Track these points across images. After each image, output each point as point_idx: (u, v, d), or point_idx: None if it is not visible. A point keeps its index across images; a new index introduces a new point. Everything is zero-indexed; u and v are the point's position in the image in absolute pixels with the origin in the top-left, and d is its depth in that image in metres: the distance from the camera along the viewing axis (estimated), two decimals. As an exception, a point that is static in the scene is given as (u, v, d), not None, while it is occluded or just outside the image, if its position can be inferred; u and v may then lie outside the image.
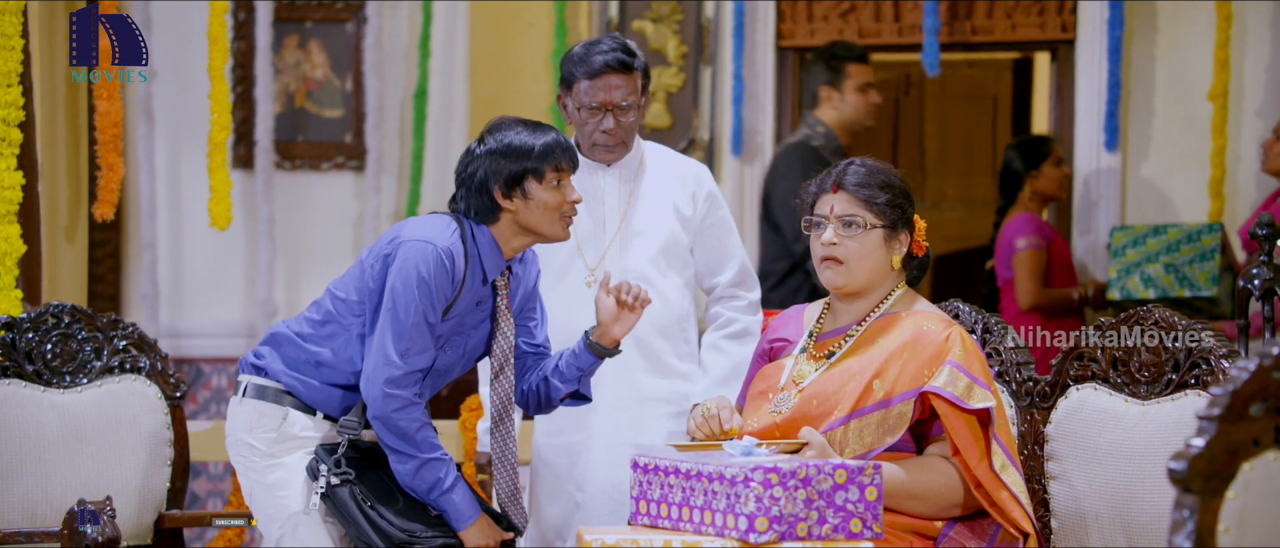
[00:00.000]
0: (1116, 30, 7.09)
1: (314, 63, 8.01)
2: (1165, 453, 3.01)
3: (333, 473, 3.86)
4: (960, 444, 3.61)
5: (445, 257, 3.86)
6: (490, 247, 3.94)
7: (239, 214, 7.81)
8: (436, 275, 3.84)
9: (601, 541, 3.37)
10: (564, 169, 3.92)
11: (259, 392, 3.95)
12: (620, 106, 4.39)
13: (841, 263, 3.79)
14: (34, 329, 4.43)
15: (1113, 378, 3.90)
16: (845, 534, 3.31)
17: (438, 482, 3.86)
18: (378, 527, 3.84)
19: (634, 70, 4.39)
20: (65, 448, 4.37)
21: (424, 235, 3.89)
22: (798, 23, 7.72)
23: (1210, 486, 2.39)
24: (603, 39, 4.46)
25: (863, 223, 3.78)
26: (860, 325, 3.82)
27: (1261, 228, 4.60)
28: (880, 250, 3.80)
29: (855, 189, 3.79)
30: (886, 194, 3.78)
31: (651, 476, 3.47)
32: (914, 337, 3.71)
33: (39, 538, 4.18)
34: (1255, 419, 2.40)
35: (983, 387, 3.64)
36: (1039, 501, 3.97)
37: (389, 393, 3.83)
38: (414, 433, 3.85)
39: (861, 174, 3.81)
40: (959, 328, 3.75)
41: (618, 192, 4.50)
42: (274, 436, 3.92)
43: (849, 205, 3.79)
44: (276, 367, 3.96)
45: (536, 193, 3.90)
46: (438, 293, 3.85)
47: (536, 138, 3.91)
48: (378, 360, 3.84)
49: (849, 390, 3.69)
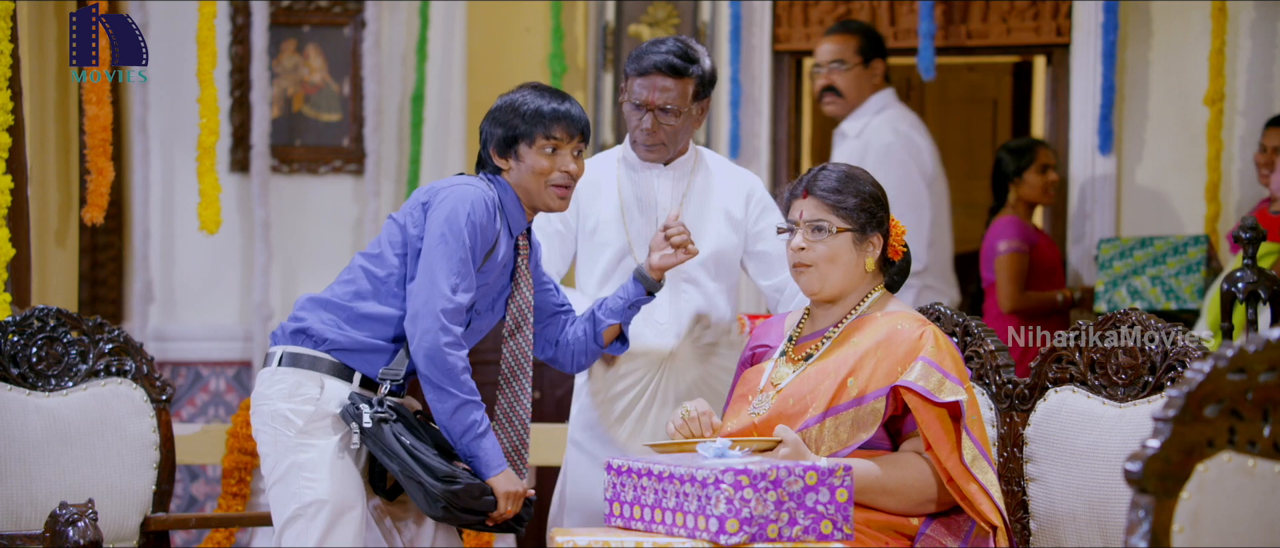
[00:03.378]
0: (1111, 34, 7.09)
1: (312, 67, 8.03)
2: (1139, 455, 3.02)
3: (375, 411, 3.84)
4: (931, 438, 3.64)
5: (488, 198, 3.90)
6: (513, 201, 3.98)
7: (237, 218, 7.83)
8: (482, 216, 3.88)
9: (573, 542, 3.38)
10: (557, 137, 3.92)
11: (294, 359, 3.92)
12: (662, 109, 4.38)
13: (811, 267, 3.81)
14: (19, 332, 4.45)
15: (1091, 380, 3.91)
16: (815, 536, 3.32)
17: (474, 424, 3.87)
18: (421, 461, 3.83)
19: (685, 76, 4.37)
20: (50, 451, 4.38)
21: (464, 183, 3.93)
22: (794, 26, 7.73)
23: (1165, 486, 2.40)
24: (669, 39, 4.43)
25: (830, 227, 3.80)
26: (837, 328, 3.85)
27: (1244, 231, 4.60)
28: (850, 253, 3.81)
29: (823, 194, 3.81)
30: (855, 198, 3.80)
31: (624, 477, 3.48)
32: (888, 335, 3.74)
33: (22, 541, 4.19)
34: (1210, 421, 2.41)
35: (954, 382, 3.67)
36: (1017, 502, 3.98)
37: (444, 326, 3.82)
38: (459, 373, 3.85)
39: (830, 179, 3.83)
40: (933, 327, 3.77)
41: (671, 192, 4.50)
42: (313, 409, 3.88)
43: (817, 210, 3.81)
44: (320, 327, 3.93)
45: (526, 156, 3.91)
46: (486, 232, 3.89)
47: (536, 101, 3.92)
48: (430, 293, 3.83)
49: (824, 389, 3.72)
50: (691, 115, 4.43)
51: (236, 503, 6.01)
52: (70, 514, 3.33)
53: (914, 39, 7.39)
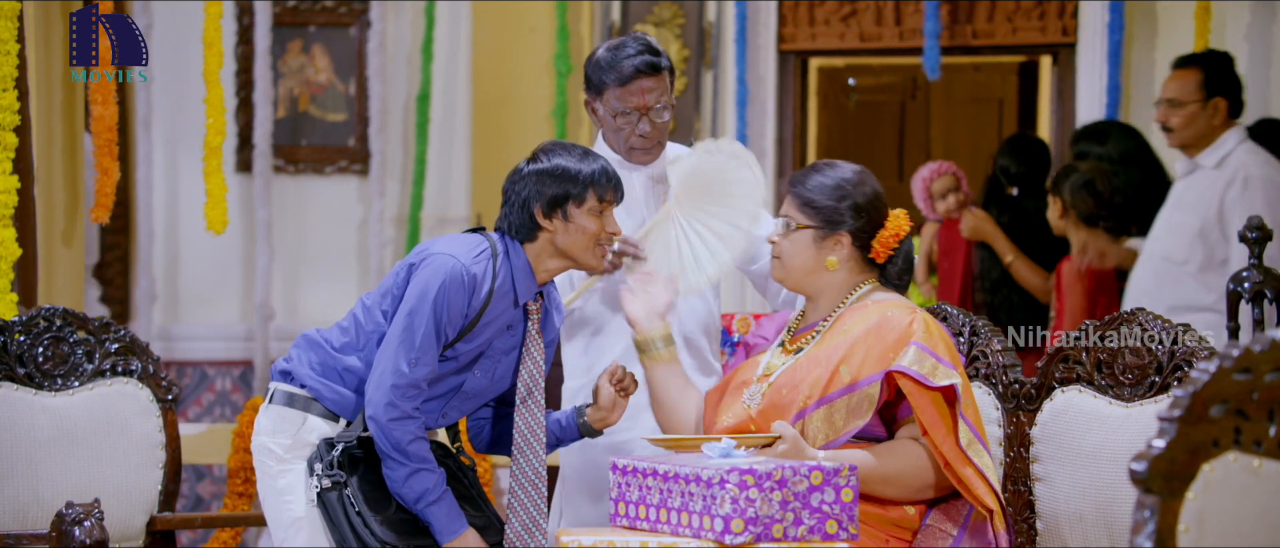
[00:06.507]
0: (1116, 34, 7.10)
1: (317, 67, 8.05)
2: (1147, 455, 3.02)
3: (324, 475, 3.89)
4: (926, 422, 3.66)
5: (466, 275, 3.88)
6: (524, 268, 3.97)
7: (242, 218, 7.84)
8: (454, 292, 3.87)
9: (578, 542, 3.38)
10: (608, 200, 3.95)
11: (287, 399, 3.98)
12: (655, 109, 4.37)
13: (778, 258, 3.95)
14: (25, 332, 4.45)
15: (1097, 380, 3.91)
16: (821, 536, 3.32)
17: (425, 492, 3.88)
18: (360, 536, 3.87)
19: (662, 70, 4.36)
20: (56, 451, 4.38)
21: (451, 251, 3.92)
22: (799, 26, 7.74)
23: (1170, 486, 2.39)
24: (627, 41, 4.41)
25: (792, 224, 3.90)
26: (828, 321, 3.88)
27: (1251, 231, 4.59)
28: (808, 251, 3.89)
29: (796, 192, 3.93)
30: (823, 198, 3.88)
31: (629, 477, 3.48)
32: (878, 322, 3.77)
33: (28, 541, 4.21)
34: (1215, 420, 2.41)
35: (948, 366, 3.69)
36: (1024, 502, 3.98)
37: (391, 401, 3.85)
38: (407, 445, 3.87)
39: (805, 178, 3.94)
40: (923, 313, 3.80)
41: (652, 190, 4.48)
42: (290, 440, 3.94)
43: (788, 206, 3.93)
44: (303, 370, 3.99)
45: (576, 217, 3.92)
46: (454, 310, 3.88)
47: (584, 164, 3.95)
48: (386, 367, 3.86)
49: (816, 377, 3.74)
50: (674, 107, 4.46)
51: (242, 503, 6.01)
52: (76, 514, 3.33)
53: (919, 39, 7.40)
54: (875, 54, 8.10)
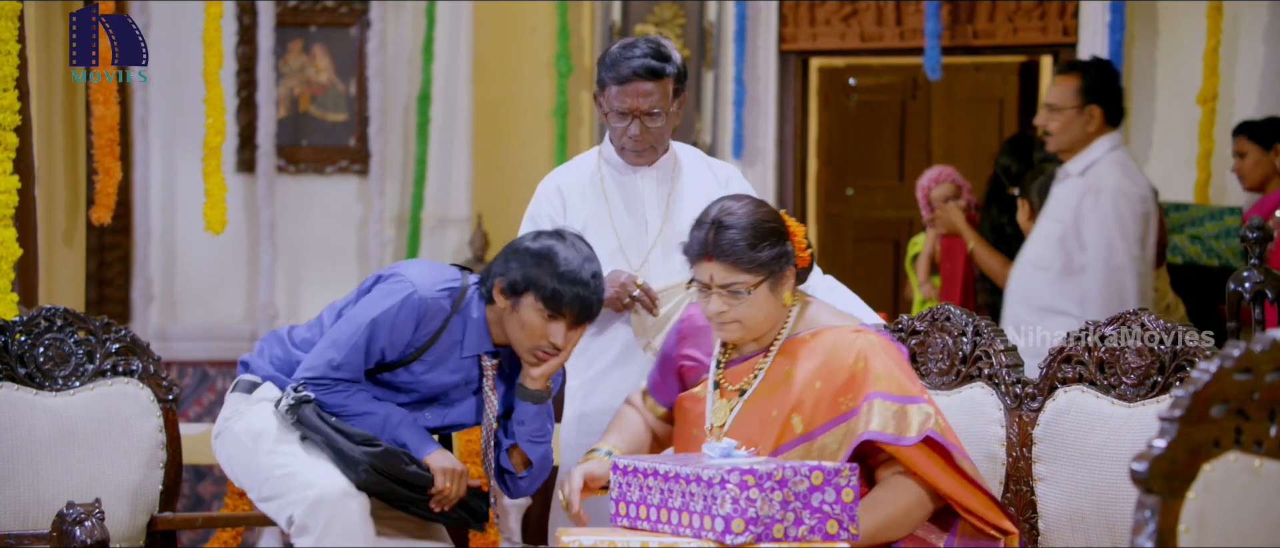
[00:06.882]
0: (1117, 34, 7.10)
1: (318, 67, 8.05)
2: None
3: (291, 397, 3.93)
4: (921, 472, 3.59)
5: (417, 305, 3.91)
6: (480, 324, 3.97)
7: (242, 218, 7.84)
8: (401, 319, 3.90)
9: (579, 542, 3.38)
10: (563, 316, 3.86)
11: (249, 388, 4.09)
12: (648, 113, 4.35)
13: (736, 323, 3.73)
14: (26, 332, 4.45)
15: (1100, 380, 3.91)
16: (821, 536, 3.32)
17: (386, 420, 3.94)
18: (341, 430, 3.91)
19: (663, 76, 4.32)
20: (57, 451, 4.38)
21: (414, 276, 3.95)
22: (800, 27, 7.74)
23: (1171, 486, 2.40)
24: (639, 42, 4.39)
25: (745, 287, 3.69)
26: (766, 355, 3.78)
27: (1251, 231, 4.59)
28: (768, 299, 3.72)
29: (731, 258, 3.68)
30: (760, 250, 3.69)
31: (631, 477, 3.48)
32: (824, 361, 3.67)
33: (29, 541, 4.21)
34: (1216, 421, 2.41)
35: (914, 402, 3.59)
36: (1026, 502, 3.98)
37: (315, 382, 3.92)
38: (345, 400, 3.94)
39: (731, 238, 3.69)
40: (865, 338, 3.69)
41: (655, 193, 4.47)
42: (243, 404, 4.06)
43: (727, 274, 3.69)
44: (262, 363, 4.10)
45: (527, 310, 3.87)
46: (397, 335, 3.91)
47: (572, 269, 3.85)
48: (313, 361, 3.95)
49: (768, 433, 3.67)
50: (672, 114, 4.41)
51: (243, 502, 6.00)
52: (77, 514, 3.33)
53: (919, 38, 7.40)
54: (876, 54, 8.10)
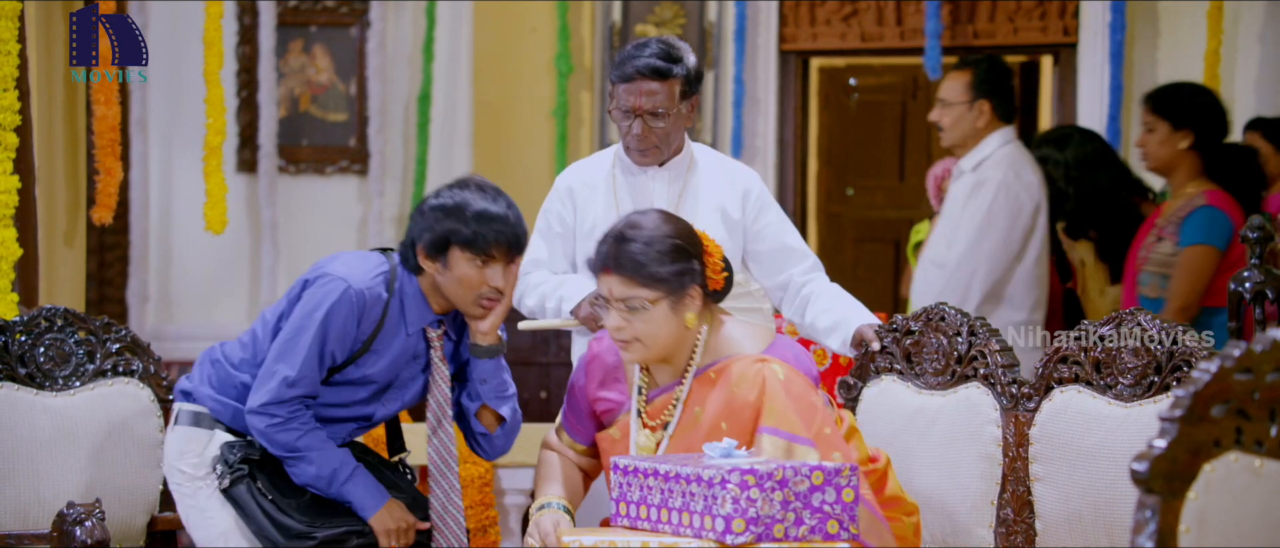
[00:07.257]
0: (1118, 34, 7.10)
1: (318, 67, 8.05)
2: (1146, 455, 3.02)
3: (226, 474, 3.91)
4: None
5: (355, 299, 3.84)
6: (417, 298, 3.90)
7: (243, 218, 7.84)
8: (341, 316, 3.83)
9: (580, 542, 3.39)
10: (493, 255, 3.80)
11: (193, 419, 4.01)
12: (651, 113, 4.31)
13: (636, 341, 3.66)
14: (26, 332, 4.45)
15: (1096, 380, 3.91)
16: (821, 536, 3.33)
17: (335, 472, 3.88)
18: (275, 520, 3.87)
19: (669, 77, 4.29)
20: (57, 451, 4.38)
21: (343, 273, 3.87)
22: (800, 27, 7.74)
23: (1171, 486, 2.40)
24: (651, 42, 4.36)
25: (642, 303, 3.63)
26: (681, 384, 3.73)
27: (1252, 231, 4.59)
28: (668, 319, 3.64)
29: (628, 271, 3.63)
30: (659, 263, 3.62)
31: (631, 477, 3.48)
32: (727, 402, 3.63)
33: (30, 541, 4.22)
34: (1216, 420, 2.41)
35: (802, 443, 3.53)
36: (1023, 503, 3.98)
37: (268, 411, 3.85)
38: (297, 442, 3.87)
39: (631, 252, 3.64)
40: (769, 368, 3.64)
41: (665, 194, 4.43)
42: (198, 458, 3.98)
43: (625, 288, 3.63)
44: (203, 390, 4.02)
45: (457, 263, 3.81)
46: (341, 334, 3.84)
47: (483, 207, 3.79)
48: (264, 384, 3.86)
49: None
50: (681, 115, 4.36)
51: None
52: (77, 514, 3.34)
53: (920, 38, 7.40)
54: (876, 54, 8.10)
